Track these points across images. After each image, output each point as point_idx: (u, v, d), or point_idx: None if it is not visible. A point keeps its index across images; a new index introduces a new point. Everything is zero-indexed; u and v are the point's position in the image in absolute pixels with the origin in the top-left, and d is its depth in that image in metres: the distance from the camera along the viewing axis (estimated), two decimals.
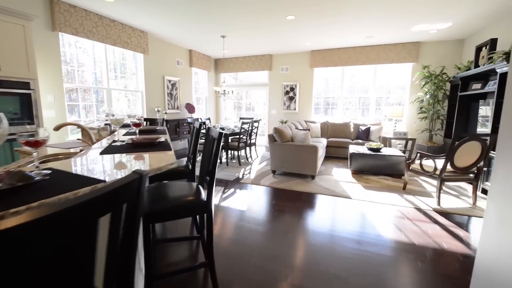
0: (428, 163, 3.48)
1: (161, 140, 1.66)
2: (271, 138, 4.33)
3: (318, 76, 6.97)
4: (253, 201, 3.23)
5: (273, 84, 7.41)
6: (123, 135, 2.08)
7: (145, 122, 3.34)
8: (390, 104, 6.42)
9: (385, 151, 4.55)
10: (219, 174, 4.44)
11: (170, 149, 1.44)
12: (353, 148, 4.77)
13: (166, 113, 5.71)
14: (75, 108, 4.38)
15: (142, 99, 5.48)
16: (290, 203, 3.16)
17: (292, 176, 4.30)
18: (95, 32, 4.27)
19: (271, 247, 2.19)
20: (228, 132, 4.94)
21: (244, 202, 3.19)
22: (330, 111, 7.04)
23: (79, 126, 1.69)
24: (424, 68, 5.53)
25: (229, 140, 6.21)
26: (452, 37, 5.40)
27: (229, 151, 5.82)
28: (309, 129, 4.26)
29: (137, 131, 2.00)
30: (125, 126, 3.13)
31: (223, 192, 3.55)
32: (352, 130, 6.21)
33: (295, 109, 7.19)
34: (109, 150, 1.44)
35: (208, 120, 6.53)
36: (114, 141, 1.65)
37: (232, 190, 3.66)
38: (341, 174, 4.48)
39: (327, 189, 3.66)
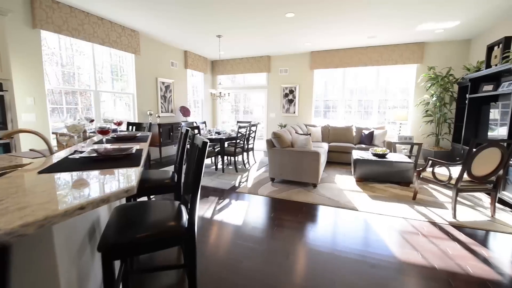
0: (440, 171, 3.19)
1: (131, 152, 1.35)
2: (270, 144, 4.04)
3: (318, 78, 6.71)
4: (250, 214, 2.92)
5: (271, 87, 7.15)
6: (94, 143, 1.78)
7: (130, 127, 3.04)
8: (394, 107, 6.15)
9: (391, 157, 4.27)
10: (214, 182, 4.14)
11: (137, 165, 1.14)
12: (356, 154, 4.48)
13: (159, 116, 5.42)
14: (68, 111, 4.08)
15: (133, 102, 5.18)
16: (290, 216, 2.86)
17: (292, 185, 4.00)
18: (81, 30, 3.99)
19: (270, 272, 1.88)
20: (224, 137, 4.65)
21: (240, 215, 2.88)
22: (330, 115, 6.77)
23: (34, 133, 1.39)
24: (429, 70, 5.28)
25: (226, 145, 5.92)
26: (459, 37, 5.16)
27: (226, 157, 5.51)
28: (310, 134, 3.98)
29: (104, 139, 1.70)
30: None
31: (217, 203, 3.24)
32: (354, 134, 5.93)
33: (294, 113, 6.92)
34: (55, 167, 1.13)
35: (204, 124, 6.24)
36: (76, 151, 1.35)
37: (227, 200, 3.35)
38: (345, 182, 4.18)
39: (330, 200, 3.36)
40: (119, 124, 2.19)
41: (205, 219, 2.79)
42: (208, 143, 1.26)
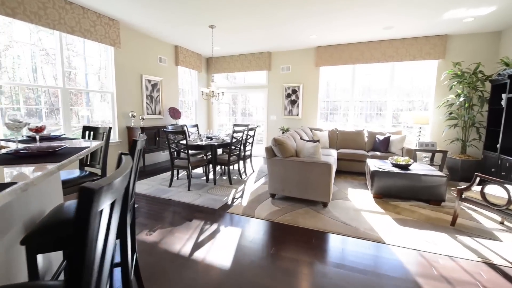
0: (488, 190, 2.46)
1: None
2: (270, 152, 3.32)
3: (324, 76, 6.01)
4: (243, 249, 2.20)
5: (272, 86, 6.45)
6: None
7: (87, 133, 2.34)
8: (410, 109, 5.44)
9: (416, 168, 3.55)
10: (202, 198, 3.42)
11: None
12: (373, 164, 3.76)
13: (143, 118, 4.72)
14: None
15: (112, 102, 4.49)
16: (296, 253, 2.14)
17: (297, 203, 3.27)
18: (42, 15, 3.31)
19: None
20: (216, 143, 3.94)
21: (229, 251, 2.16)
22: (338, 118, 6.06)
23: None
24: (455, 66, 4.57)
25: (221, 152, 5.21)
26: (489, 28, 4.46)
27: (219, 167, 4.69)
28: (318, 141, 3.28)
29: None
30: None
31: (201, 231, 2.52)
32: (366, 139, 5.21)
33: (297, 115, 6.21)
34: None
35: (195, 128, 5.54)
36: None
37: (214, 226, 2.63)
38: (361, 199, 3.46)
39: (347, 226, 2.63)
40: (39, 130, 1.49)
41: (181, 257, 2.06)
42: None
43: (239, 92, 6.96)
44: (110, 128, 2.18)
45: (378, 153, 4.68)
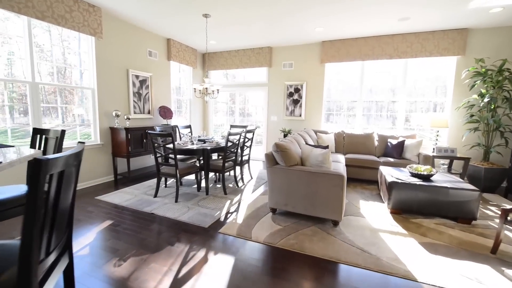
0: None
1: None
2: (270, 160, 2.83)
3: (330, 74, 5.52)
4: None
5: (273, 84, 5.96)
6: None
7: (38, 136, 1.83)
8: (424, 110, 4.96)
9: (440, 179, 3.06)
10: (190, 213, 2.92)
11: None
12: (390, 173, 3.27)
13: (128, 118, 4.21)
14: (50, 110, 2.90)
15: (93, 100, 3.99)
16: None
17: (303, 220, 2.78)
18: None
19: None
20: (209, 147, 3.45)
21: None
22: (342, 119, 5.57)
23: None
24: (477, 62, 4.09)
25: (216, 156, 4.74)
26: None
27: (212, 174, 4.13)
28: (327, 147, 2.79)
29: None
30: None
31: (184, 261, 2.02)
32: (376, 143, 4.72)
33: (300, 115, 5.72)
34: None
35: (189, 129, 5.03)
36: None
37: (201, 253, 2.13)
38: (376, 214, 2.97)
39: (365, 254, 2.14)
40: None
41: None
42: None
43: (238, 90, 6.46)
44: (63, 132, 1.67)
45: (391, 160, 4.19)
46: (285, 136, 5.63)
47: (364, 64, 5.19)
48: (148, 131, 3.22)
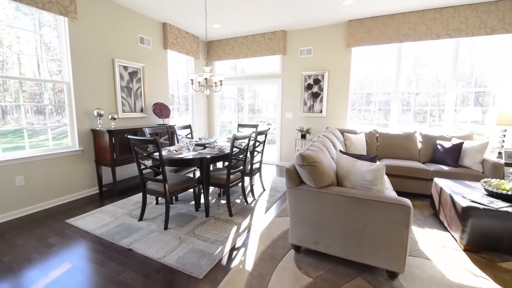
0: None
1: None
2: (292, 177, 1.97)
3: (358, 60, 4.57)
4: None
5: (288, 75, 5.06)
6: None
7: None
8: (480, 103, 3.94)
9: None
10: (180, 251, 2.11)
11: None
12: (453, 189, 2.35)
13: (114, 118, 3.46)
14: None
15: (68, 96, 3.25)
16: None
17: (342, 265, 1.92)
18: None
19: None
20: (209, 155, 2.64)
21: None
22: (374, 115, 4.62)
23: None
24: None
25: (220, 164, 3.96)
26: None
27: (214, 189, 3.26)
28: (376, 157, 1.92)
29: None
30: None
31: None
32: (420, 146, 3.77)
33: (321, 112, 4.80)
34: None
35: (189, 129, 4.24)
36: None
37: None
38: (443, 252, 2.07)
39: None
40: None
41: None
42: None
43: (247, 83, 5.60)
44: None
45: (445, 168, 3.24)
46: (303, 136, 4.74)
47: (401, 47, 4.20)
48: (128, 136, 2.43)
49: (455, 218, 2.22)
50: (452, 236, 2.33)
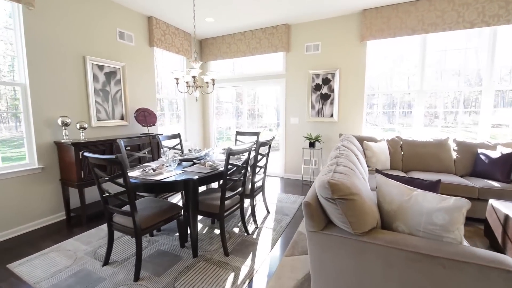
0: None
1: None
2: (314, 216, 1.31)
3: (374, 56, 3.96)
4: None
5: (292, 75, 4.45)
6: None
7: None
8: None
9: None
10: None
11: None
12: None
13: (83, 128, 2.83)
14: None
15: (24, 101, 2.62)
16: None
17: None
18: None
19: None
20: (197, 175, 2.00)
21: None
22: (395, 119, 3.99)
23: None
24: None
25: (214, 185, 3.30)
26: None
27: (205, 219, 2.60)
28: (439, 182, 1.29)
29: None
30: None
31: None
32: (455, 156, 3.13)
33: (331, 116, 4.17)
34: None
35: (178, 138, 3.59)
36: None
37: None
38: None
39: None
40: None
41: None
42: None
43: (246, 85, 4.98)
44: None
45: (496, 184, 2.58)
46: (311, 145, 4.09)
47: (426, 38, 3.59)
48: (84, 153, 1.79)
49: None
50: None
